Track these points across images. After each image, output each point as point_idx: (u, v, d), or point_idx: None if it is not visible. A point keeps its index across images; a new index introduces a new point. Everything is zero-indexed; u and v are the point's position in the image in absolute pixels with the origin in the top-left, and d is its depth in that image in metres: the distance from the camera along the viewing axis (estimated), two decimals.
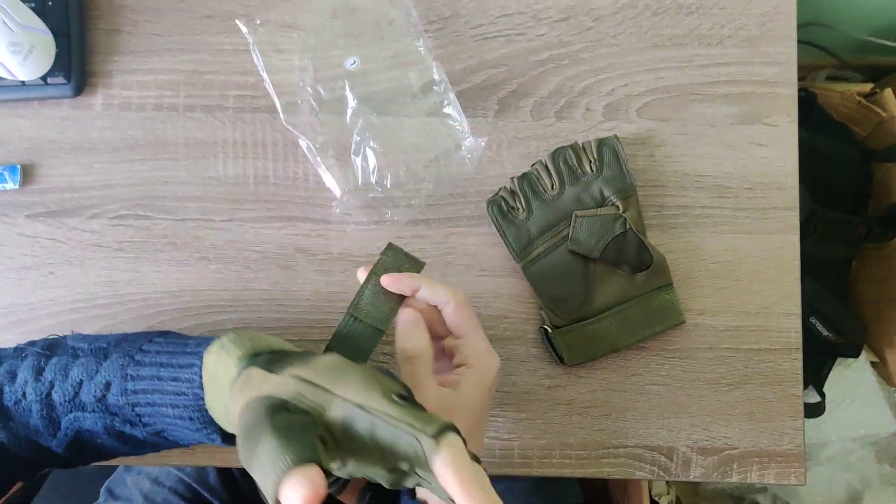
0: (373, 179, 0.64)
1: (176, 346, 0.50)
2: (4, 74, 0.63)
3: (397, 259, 0.54)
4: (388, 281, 0.53)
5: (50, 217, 0.66)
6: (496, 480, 0.76)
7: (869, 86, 1.20)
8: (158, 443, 0.52)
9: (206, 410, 0.48)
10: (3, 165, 0.66)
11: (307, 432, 0.39)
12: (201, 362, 0.48)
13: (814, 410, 1.12)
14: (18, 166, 0.66)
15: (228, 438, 0.49)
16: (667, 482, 1.15)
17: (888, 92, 1.14)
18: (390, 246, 0.54)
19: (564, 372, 0.65)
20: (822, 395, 1.13)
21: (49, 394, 0.50)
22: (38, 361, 0.51)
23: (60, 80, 0.65)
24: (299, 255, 0.66)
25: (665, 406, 0.64)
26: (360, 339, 0.52)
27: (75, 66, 0.66)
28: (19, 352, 0.52)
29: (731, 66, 0.68)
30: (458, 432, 0.40)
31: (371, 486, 0.56)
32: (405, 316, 0.52)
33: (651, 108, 0.68)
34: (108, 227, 0.66)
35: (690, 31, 0.68)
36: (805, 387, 1.13)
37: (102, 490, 0.77)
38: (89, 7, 0.68)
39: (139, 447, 0.53)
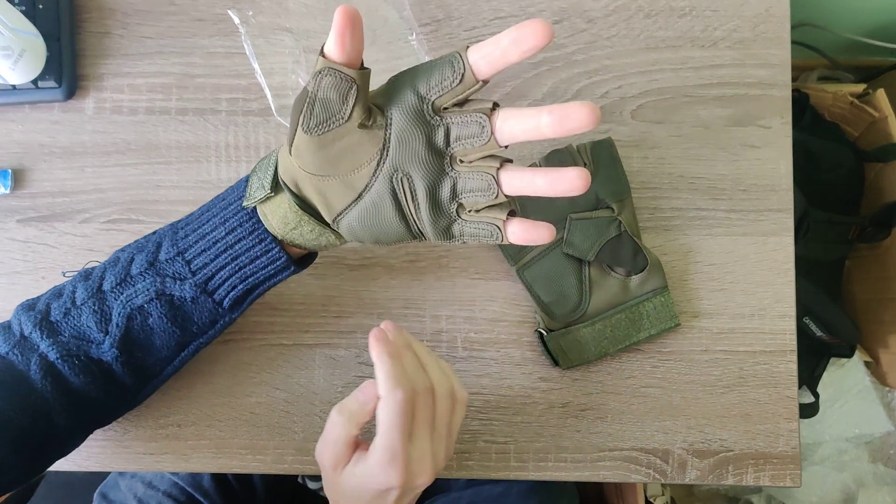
0: None
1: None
2: None
3: None
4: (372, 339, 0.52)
5: (41, 221, 0.65)
6: (492, 483, 0.76)
7: (861, 86, 1.20)
8: (207, 314, 0.53)
9: (255, 210, 0.49)
10: None
11: None
12: (246, 181, 0.51)
13: (808, 410, 1.12)
14: (9, 171, 0.65)
15: (271, 239, 0.50)
16: (662, 483, 1.15)
17: (880, 92, 1.14)
18: None
19: (559, 375, 0.65)
20: (816, 396, 1.13)
21: (100, 287, 0.52)
22: (85, 271, 0.53)
23: (51, 83, 0.65)
24: None
25: (660, 408, 0.64)
26: None
27: (66, 69, 0.66)
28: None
29: (725, 69, 0.68)
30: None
31: None
32: (366, 391, 0.52)
33: (645, 111, 0.67)
34: (101, 232, 0.65)
35: (683, 33, 0.68)
36: (799, 387, 1.13)
37: (96, 495, 0.76)
38: (80, 10, 0.68)
39: (188, 331, 0.54)
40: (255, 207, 0.50)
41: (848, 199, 1.18)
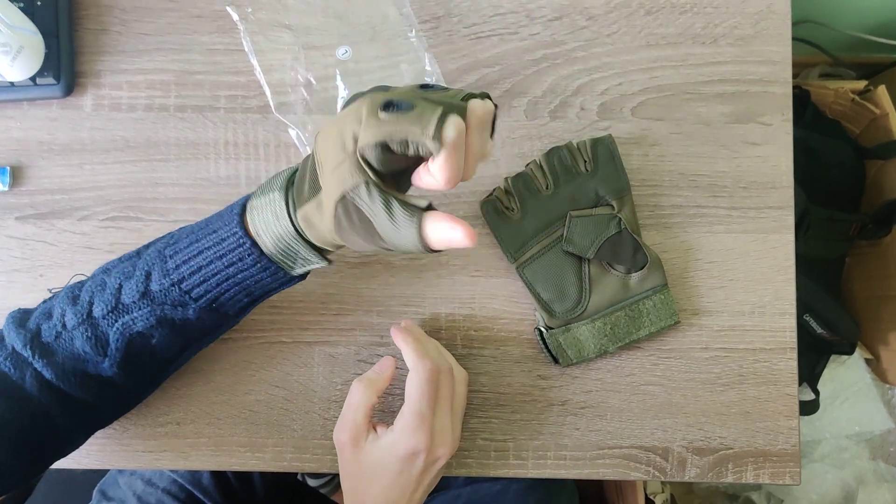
0: None
1: (207, 217, 0.51)
2: None
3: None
4: (394, 330, 0.61)
5: (40, 219, 0.65)
6: (492, 481, 0.76)
7: (862, 83, 1.20)
8: (211, 322, 0.53)
9: (253, 244, 0.48)
10: None
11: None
12: (240, 207, 0.49)
13: (808, 408, 1.12)
14: (8, 168, 0.65)
15: (275, 267, 0.50)
16: (661, 481, 1.15)
17: (882, 89, 1.14)
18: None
19: (559, 372, 0.65)
20: (817, 393, 1.13)
21: (90, 312, 0.50)
22: (72, 292, 0.52)
23: (50, 80, 0.65)
24: None
25: (660, 406, 0.64)
26: None
27: (65, 66, 0.65)
28: (48, 299, 0.54)
29: (726, 65, 0.68)
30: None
31: None
32: (385, 362, 0.61)
33: (645, 108, 0.67)
34: (99, 229, 0.65)
35: (684, 30, 0.68)
36: (799, 384, 1.13)
37: (95, 492, 0.76)
38: (78, 7, 0.68)
39: (192, 338, 0.54)
40: (252, 237, 0.48)
41: (849, 197, 1.18)
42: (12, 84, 0.64)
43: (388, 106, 0.41)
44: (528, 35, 0.68)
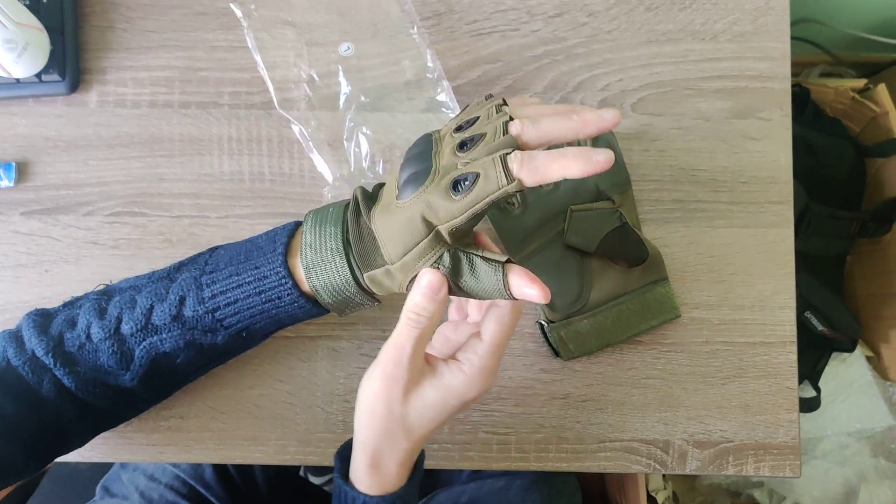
0: (365, 165, 0.64)
1: (244, 245, 0.52)
2: None
3: None
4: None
5: (45, 214, 0.66)
6: (495, 476, 0.76)
7: (862, 81, 1.20)
8: (237, 346, 0.54)
9: (294, 284, 0.50)
10: None
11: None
12: (286, 239, 0.51)
13: (809, 405, 1.12)
14: (13, 164, 0.66)
15: (311, 305, 0.51)
16: (663, 477, 1.15)
17: (881, 87, 1.14)
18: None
19: (560, 366, 0.65)
20: (818, 390, 1.13)
21: (118, 329, 0.51)
22: (99, 304, 0.52)
23: (55, 77, 0.65)
24: None
25: (661, 400, 0.65)
26: None
27: (70, 63, 0.66)
28: (70, 304, 0.54)
29: (725, 61, 0.68)
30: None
31: None
32: (432, 277, 0.47)
33: (646, 103, 0.68)
34: (104, 225, 0.66)
35: (684, 26, 0.69)
36: (801, 382, 1.13)
37: (98, 488, 0.77)
38: (83, 4, 0.68)
39: (215, 357, 0.55)
40: (289, 269, 0.50)
41: (849, 195, 1.18)
42: (18, 81, 0.65)
43: (455, 185, 0.44)
44: (530, 31, 0.69)
